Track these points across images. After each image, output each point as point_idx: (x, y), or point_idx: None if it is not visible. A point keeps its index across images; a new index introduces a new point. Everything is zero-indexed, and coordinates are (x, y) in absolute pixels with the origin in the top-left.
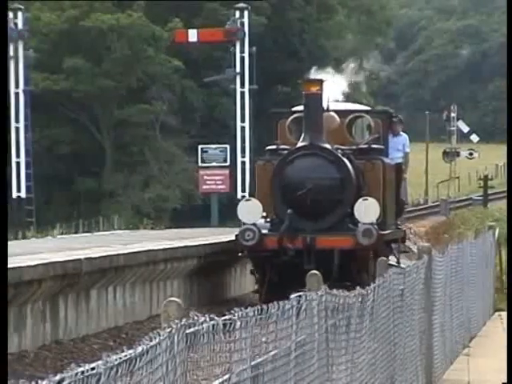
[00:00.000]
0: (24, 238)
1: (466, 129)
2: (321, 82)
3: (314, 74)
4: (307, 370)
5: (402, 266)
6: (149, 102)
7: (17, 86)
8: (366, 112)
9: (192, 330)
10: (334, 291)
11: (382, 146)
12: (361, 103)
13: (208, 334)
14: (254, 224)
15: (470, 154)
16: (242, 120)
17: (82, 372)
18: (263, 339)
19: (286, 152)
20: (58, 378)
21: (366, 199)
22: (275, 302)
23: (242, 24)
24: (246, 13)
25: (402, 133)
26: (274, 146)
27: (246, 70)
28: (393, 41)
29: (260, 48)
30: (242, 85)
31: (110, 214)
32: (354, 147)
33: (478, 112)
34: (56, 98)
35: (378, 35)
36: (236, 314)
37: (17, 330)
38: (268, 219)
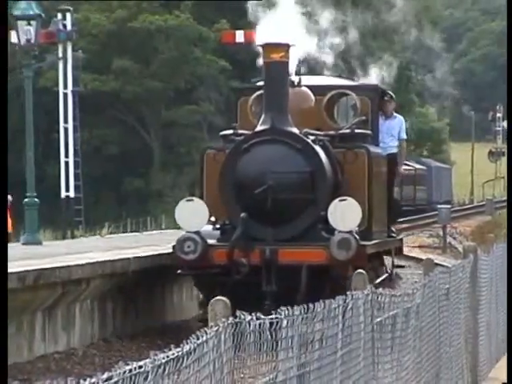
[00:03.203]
0: (73, 237)
1: None
2: (287, 46)
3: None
4: (353, 368)
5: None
6: (196, 102)
7: (65, 87)
8: (351, 88)
9: (239, 328)
10: (380, 290)
11: (368, 131)
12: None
13: (255, 333)
14: (197, 232)
15: None
16: None
17: (130, 370)
18: (309, 338)
19: (240, 138)
20: (105, 375)
21: (344, 199)
22: (321, 301)
23: None
24: None
25: (396, 114)
26: (230, 131)
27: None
28: (438, 42)
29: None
30: None
31: (158, 214)
32: (333, 132)
33: None
34: (104, 99)
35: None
36: (282, 313)
37: (65, 328)
38: (218, 225)
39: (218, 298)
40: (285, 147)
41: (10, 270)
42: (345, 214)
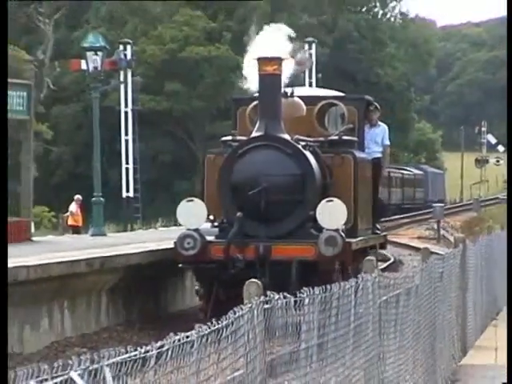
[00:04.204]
0: (132, 230)
1: (493, 140)
2: (279, 60)
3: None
4: (363, 338)
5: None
6: None
7: (126, 106)
8: (339, 99)
9: (268, 305)
10: (386, 274)
11: (354, 138)
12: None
13: (282, 309)
14: (197, 229)
15: (497, 161)
16: None
17: (179, 340)
18: (327, 313)
19: (237, 143)
20: (159, 344)
21: (331, 200)
22: (337, 283)
23: (310, 55)
24: (313, 45)
25: (380, 123)
26: (229, 137)
27: None
28: (434, 68)
29: (324, 74)
30: None
31: None
32: (322, 139)
33: (504, 126)
34: (158, 116)
35: (421, 64)
36: (304, 293)
37: (125, 305)
38: (216, 223)
39: (251, 280)
40: (277, 152)
41: (80, 257)
42: (332, 214)
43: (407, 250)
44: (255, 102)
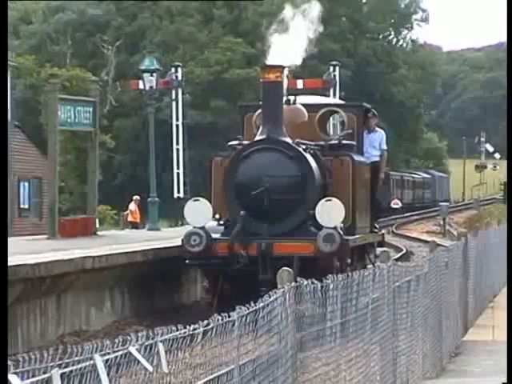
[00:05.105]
0: (182, 225)
1: (491, 149)
2: (281, 68)
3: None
4: (380, 318)
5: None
6: None
7: (177, 120)
8: (339, 106)
9: (299, 289)
10: (399, 263)
11: (353, 142)
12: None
13: (310, 293)
14: (203, 227)
15: (494, 166)
16: None
17: (222, 318)
18: (349, 296)
19: (241, 146)
20: (205, 323)
21: (330, 200)
22: (357, 271)
23: (334, 76)
24: (337, 68)
25: (377, 129)
26: (235, 142)
27: None
28: (440, 88)
29: (347, 93)
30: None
31: None
32: (323, 143)
33: (500, 137)
34: (205, 128)
35: (429, 84)
36: (329, 279)
37: (175, 290)
38: (221, 221)
39: (283, 268)
40: (279, 154)
41: (136, 249)
42: (330, 213)
43: (417, 242)
44: (261, 109)
